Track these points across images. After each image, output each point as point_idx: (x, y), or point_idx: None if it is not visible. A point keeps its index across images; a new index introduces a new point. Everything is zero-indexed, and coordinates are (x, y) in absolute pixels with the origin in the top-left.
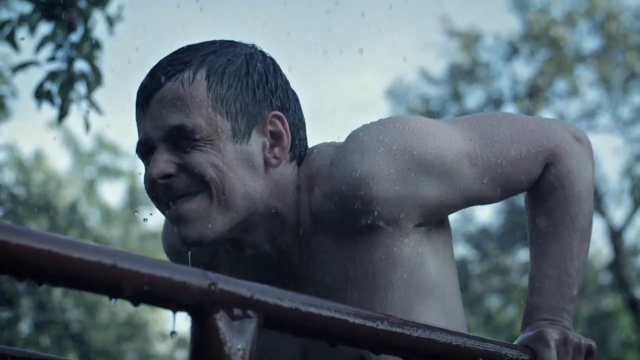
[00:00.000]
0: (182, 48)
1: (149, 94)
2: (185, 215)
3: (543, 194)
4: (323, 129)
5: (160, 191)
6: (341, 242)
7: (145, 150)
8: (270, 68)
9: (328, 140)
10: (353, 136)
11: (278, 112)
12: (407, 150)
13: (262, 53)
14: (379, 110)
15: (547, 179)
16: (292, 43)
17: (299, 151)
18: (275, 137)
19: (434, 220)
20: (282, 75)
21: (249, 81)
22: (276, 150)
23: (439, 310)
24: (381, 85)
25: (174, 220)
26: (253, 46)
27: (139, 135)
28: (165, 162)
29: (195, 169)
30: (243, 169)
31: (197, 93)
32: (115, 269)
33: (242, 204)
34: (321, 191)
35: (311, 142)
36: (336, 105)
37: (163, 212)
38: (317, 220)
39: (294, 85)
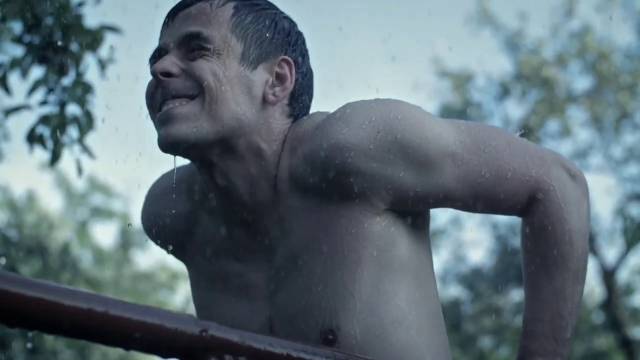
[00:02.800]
0: None
1: (178, 10)
2: (174, 116)
3: (534, 233)
4: None
5: (157, 92)
6: (314, 209)
7: (158, 59)
8: (295, 30)
9: None
10: (345, 107)
11: (289, 58)
12: (392, 132)
13: (296, 24)
14: None
15: (536, 217)
16: None
17: (298, 112)
18: (280, 79)
19: (409, 209)
20: (304, 44)
21: (272, 25)
22: (277, 89)
23: (412, 292)
24: None
25: (162, 120)
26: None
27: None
28: (171, 62)
29: (196, 72)
30: (240, 90)
31: (222, 14)
32: (106, 317)
33: (229, 122)
34: (302, 152)
35: None
36: None
37: (154, 118)
38: (294, 181)
39: None
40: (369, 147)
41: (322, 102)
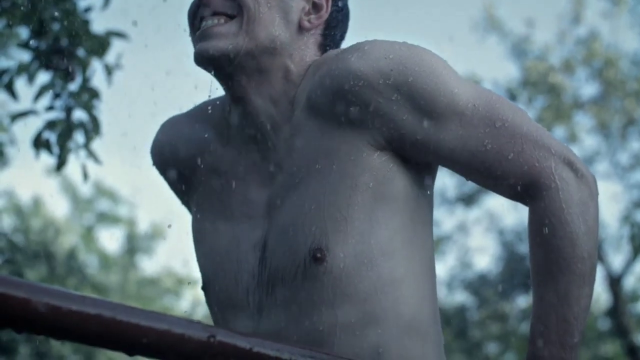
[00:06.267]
0: None
1: None
2: (213, 33)
3: (537, 234)
4: None
5: (199, 11)
6: (320, 131)
7: None
8: None
9: None
10: (368, 41)
11: None
12: (405, 73)
13: None
14: None
15: (538, 216)
16: None
17: (329, 44)
18: (316, 8)
19: (411, 157)
20: None
21: None
22: (312, 17)
23: (406, 231)
24: None
25: (201, 36)
26: None
27: None
28: None
29: None
30: (277, 13)
31: None
32: (114, 322)
33: (264, 41)
34: (318, 76)
35: None
36: None
37: (194, 35)
38: (308, 102)
39: None
40: (378, 81)
41: None
